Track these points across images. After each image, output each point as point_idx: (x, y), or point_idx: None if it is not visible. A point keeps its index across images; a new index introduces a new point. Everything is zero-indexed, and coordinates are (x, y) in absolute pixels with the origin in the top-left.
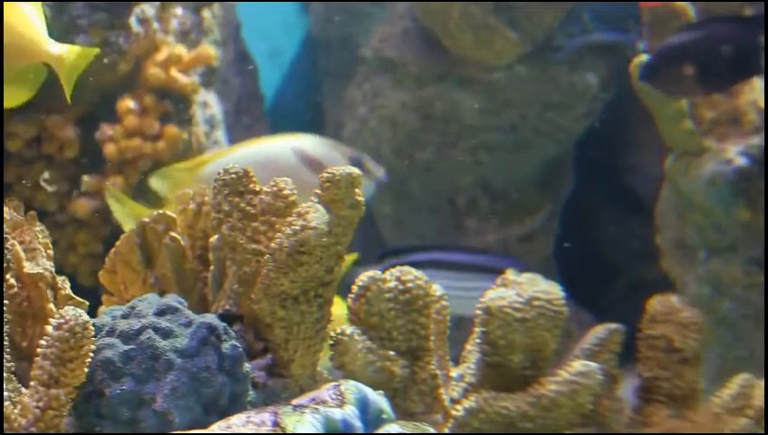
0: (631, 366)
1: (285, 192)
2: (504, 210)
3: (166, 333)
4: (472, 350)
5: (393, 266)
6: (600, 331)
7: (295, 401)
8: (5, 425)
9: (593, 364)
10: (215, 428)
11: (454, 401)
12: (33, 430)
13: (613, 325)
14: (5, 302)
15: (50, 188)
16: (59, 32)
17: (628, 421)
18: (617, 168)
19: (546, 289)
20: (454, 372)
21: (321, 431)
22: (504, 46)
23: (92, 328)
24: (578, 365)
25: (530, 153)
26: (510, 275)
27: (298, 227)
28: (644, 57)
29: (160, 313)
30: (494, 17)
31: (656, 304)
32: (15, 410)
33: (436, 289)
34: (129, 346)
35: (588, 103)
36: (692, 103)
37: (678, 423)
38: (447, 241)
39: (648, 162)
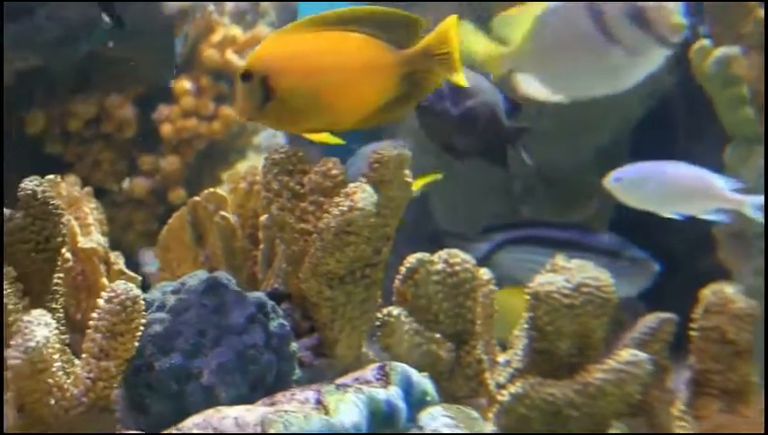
0: (684, 357)
1: (333, 172)
2: (559, 196)
3: (214, 310)
4: (520, 335)
5: (505, 243)
6: (651, 320)
7: (339, 381)
8: (59, 393)
9: (642, 354)
10: (259, 404)
11: (500, 386)
12: (84, 399)
13: (665, 315)
14: (61, 275)
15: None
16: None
17: (678, 414)
18: (675, 154)
19: (595, 276)
20: (501, 358)
21: (364, 411)
22: None
23: (142, 302)
24: (626, 354)
25: (587, 138)
26: (560, 260)
27: (345, 208)
28: (705, 42)
29: (209, 289)
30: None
31: (709, 294)
32: (68, 381)
33: (484, 273)
34: (178, 321)
35: (648, 88)
36: (753, 90)
37: (730, 418)
38: (544, 219)
39: (708, 150)
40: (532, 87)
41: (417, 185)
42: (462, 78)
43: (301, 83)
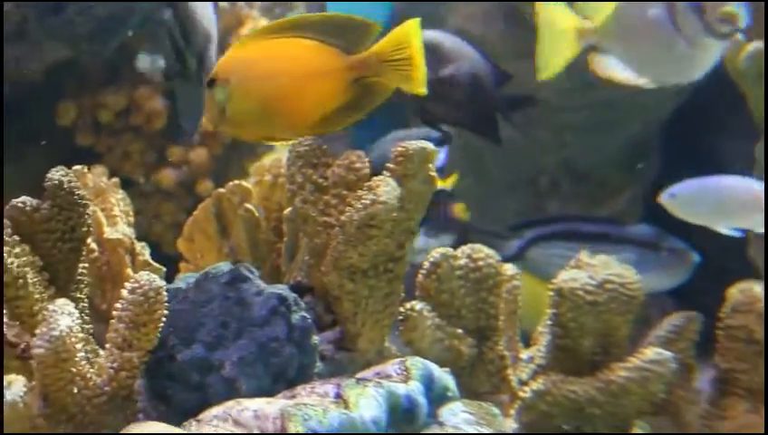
0: (711, 356)
1: (357, 165)
2: (586, 192)
3: (236, 302)
4: (543, 332)
5: (537, 239)
6: (676, 318)
7: (360, 375)
8: (82, 382)
9: (667, 353)
10: (280, 397)
11: (522, 383)
12: (107, 389)
13: (690, 313)
14: (86, 265)
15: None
16: (144, 11)
17: (703, 413)
18: (706, 150)
19: (620, 272)
20: (524, 354)
21: (384, 405)
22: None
23: (165, 293)
24: (650, 353)
25: (614, 134)
26: (584, 256)
27: (368, 201)
28: (738, 36)
29: (232, 281)
30: None
31: (737, 292)
32: (92, 370)
33: (508, 268)
34: (201, 313)
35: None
36: None
37: (757, 418)
38: (574, 213)
39: (740, 146)
40: (611, 69)
41: (442, 183)
42: (423, 88)
43: (250, 89)
